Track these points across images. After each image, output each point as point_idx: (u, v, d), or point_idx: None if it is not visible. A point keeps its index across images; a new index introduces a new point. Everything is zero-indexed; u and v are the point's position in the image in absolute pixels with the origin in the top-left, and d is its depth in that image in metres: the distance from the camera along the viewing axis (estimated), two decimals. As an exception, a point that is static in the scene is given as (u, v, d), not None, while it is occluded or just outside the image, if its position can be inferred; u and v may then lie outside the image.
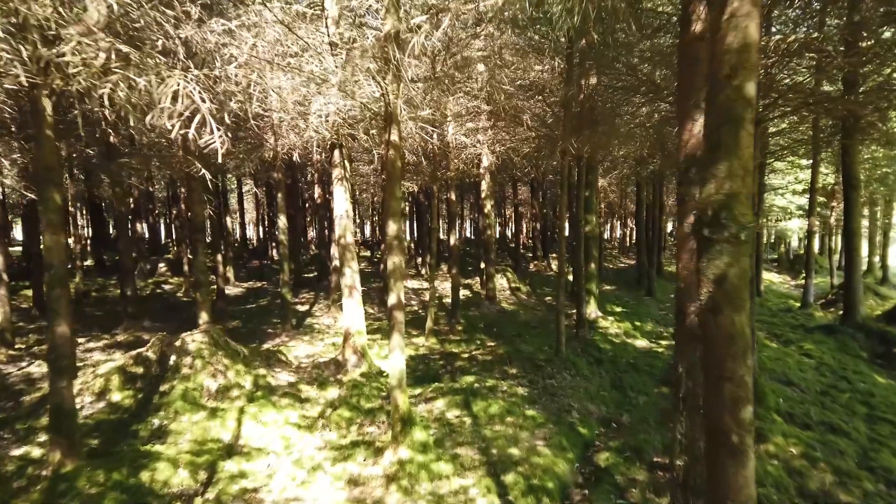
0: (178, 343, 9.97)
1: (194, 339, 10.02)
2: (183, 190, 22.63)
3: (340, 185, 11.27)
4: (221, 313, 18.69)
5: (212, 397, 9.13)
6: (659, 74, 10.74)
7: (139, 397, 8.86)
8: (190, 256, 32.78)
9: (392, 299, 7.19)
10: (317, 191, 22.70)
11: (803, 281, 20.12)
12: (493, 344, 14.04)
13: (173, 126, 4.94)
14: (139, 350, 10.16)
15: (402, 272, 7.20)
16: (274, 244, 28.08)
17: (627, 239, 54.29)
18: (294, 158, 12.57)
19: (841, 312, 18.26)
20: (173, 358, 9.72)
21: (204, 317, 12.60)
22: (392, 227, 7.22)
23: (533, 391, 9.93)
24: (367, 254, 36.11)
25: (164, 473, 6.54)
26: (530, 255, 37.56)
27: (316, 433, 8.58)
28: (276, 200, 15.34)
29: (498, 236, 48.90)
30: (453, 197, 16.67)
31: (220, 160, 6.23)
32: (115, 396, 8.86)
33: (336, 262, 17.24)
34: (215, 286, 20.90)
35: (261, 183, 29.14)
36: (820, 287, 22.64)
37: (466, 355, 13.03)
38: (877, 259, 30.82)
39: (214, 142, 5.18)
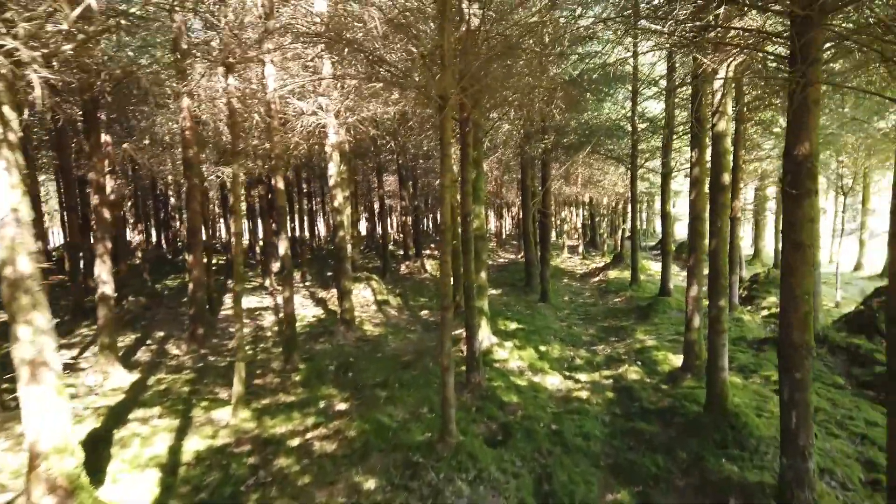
0: None
1: None
2: None
3: None
4: None
5: None
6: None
7: None
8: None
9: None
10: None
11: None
12: (343, 408, 9.08)
13: None
14: None
15: None
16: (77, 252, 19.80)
17: (502, 232, 51.84)
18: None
19: (763, 314, 15.85)
20: None
21: None
22: None
23: (406, 545, 5.17)
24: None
25: None
26: (401, 252, 32.90)
27: None
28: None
29: (365, 233, 43.57)
30: (281, 185, 11.30)
31: None
32: None
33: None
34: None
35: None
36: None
37: (298, 440, 7.93)
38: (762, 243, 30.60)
39: None
